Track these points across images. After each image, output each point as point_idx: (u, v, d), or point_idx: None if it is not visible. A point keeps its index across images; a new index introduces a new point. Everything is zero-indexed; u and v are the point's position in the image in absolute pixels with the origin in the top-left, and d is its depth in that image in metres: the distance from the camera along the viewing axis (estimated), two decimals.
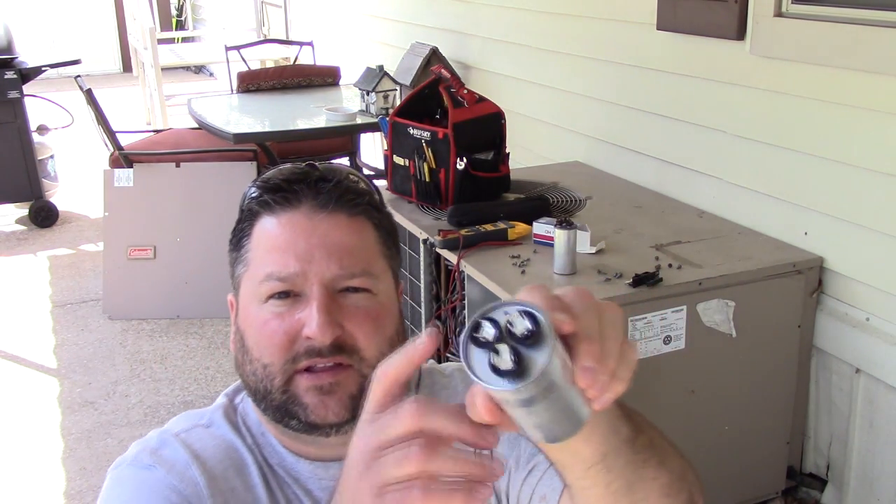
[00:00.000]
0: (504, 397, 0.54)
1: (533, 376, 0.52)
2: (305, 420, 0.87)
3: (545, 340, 0.52)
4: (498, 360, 0.52)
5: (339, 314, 0.86)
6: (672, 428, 2.33)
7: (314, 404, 0.86)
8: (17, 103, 4.79)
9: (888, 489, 2.15)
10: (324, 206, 0.89)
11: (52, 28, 9.36)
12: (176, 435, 0.92)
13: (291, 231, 0.88)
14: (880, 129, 2.00)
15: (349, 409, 0.86)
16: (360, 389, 0.86)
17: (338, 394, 0.86)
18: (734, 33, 2.31)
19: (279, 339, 0.86)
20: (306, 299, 0.86)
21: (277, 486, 0.92)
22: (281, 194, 0.90)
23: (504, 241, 2.29)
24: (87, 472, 2.77)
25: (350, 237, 0.89)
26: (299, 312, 0.86)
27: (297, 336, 0.86)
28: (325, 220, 0.89)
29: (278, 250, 0.88)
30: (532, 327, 0.53)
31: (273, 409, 0.88)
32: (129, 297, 3.84)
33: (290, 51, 5.94)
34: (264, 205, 0.91)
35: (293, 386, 0.87)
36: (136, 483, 0.88)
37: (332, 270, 0.87)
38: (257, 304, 0.89)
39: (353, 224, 0.90)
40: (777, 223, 2.33)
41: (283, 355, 0.86)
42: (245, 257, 0.92)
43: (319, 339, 0.85)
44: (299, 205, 0.89)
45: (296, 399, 0.87)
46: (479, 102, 2.62)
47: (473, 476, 0.55)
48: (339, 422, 0.86)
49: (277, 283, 0.87)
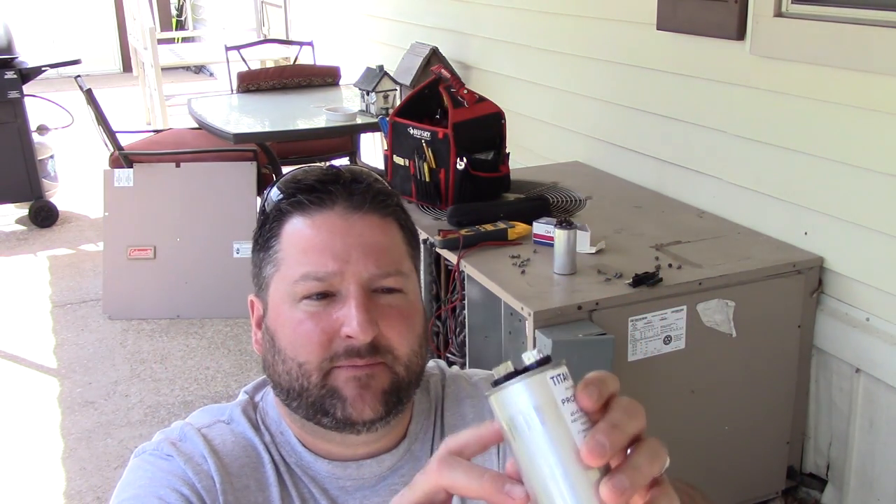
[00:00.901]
0: (494, 406, 0.56)
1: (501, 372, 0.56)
2: (343, 414, 0.87)
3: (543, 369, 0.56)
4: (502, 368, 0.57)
5: (375, 313, 0.87)
6: (672, 428, 2.34)
7: (353, 396, 0.87)
8: (17, 103, 4.79)
9: (888, 489, 2.15)
10: (358, 206, 0.90)
11: (52, 28, 9.36)
12: (198, 429, 0.94)
13: (328, 231, 0.89)
14: (880, 129, 2.00)
15: (383, 405, 0.87)
16: (392, 385, 0.88)
17: (373, 387, 0.87)
18: (734, 33, 2.31)
19: (317, 338, 0.87)
20: (342, 299, 0.87)
21: (293, 484, 0.92)
22: (315, 195, 0.90)
23: (504, 241, 2.29)
24: (87, 472, 2.77)
25: (383, 237, 0.90)
26: (336, 312, 0.87)
27: (335, 335, 0.87)
28: (360, 221, 0.90)
29: (315, 250, 0.88)
30: (539, 358, 0.57)
31: (307, 405, 0.89)
32: (129, 297, 3.84)
33: (290, 51, 5.95)
34: (297, 205, 0.91)
35: (331, 379, 0.87)
36: (153, 470, 0.90)
37: (370, 270, 0.88)
38: (290, 304, 0.89)
39: (384, 225, 0.91)
40: (777, 223, 2.33)
41: (321, 354, 0.87)
42: (275, 258, 0.92)
43: (361, 337, 0.85)
44: (333, 205, 0.90)
45: (335, 392, 0.87)
46: (479, 102, 2.62)
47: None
48: (375, 417, 0.87)
49: (315, 282, 0.87)
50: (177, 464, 0.90)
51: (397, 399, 0.89)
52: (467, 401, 1.02)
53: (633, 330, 2.00)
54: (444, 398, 1.02)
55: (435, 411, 1.01)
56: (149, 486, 0.88)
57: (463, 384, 1.04)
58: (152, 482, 0.88)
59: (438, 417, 1.00)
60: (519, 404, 0.55)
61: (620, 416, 0.56)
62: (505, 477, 0.56)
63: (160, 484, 0.88)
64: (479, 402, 1.01)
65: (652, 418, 0.72)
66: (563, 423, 0.55)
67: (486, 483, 0.56)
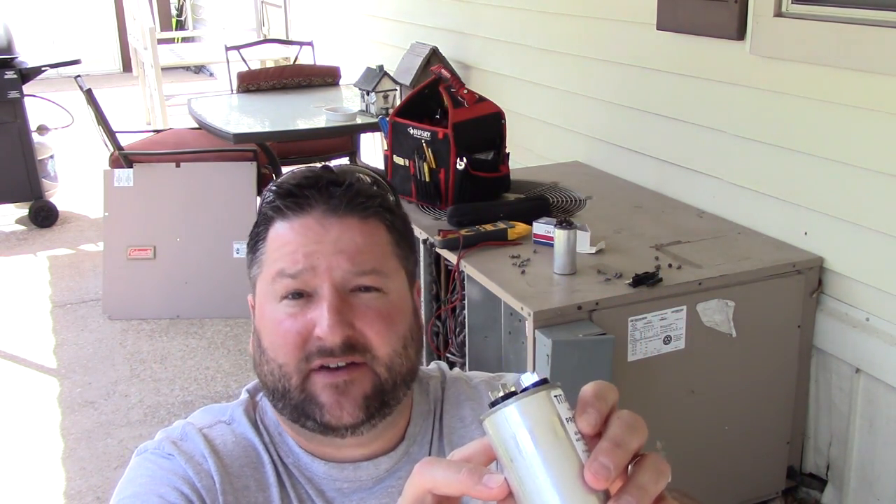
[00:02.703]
0: (488, 427, 0.55)
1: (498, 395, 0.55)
2: (321, 420, 0.88)
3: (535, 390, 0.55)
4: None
5: (350, 314, 0.87)
6: (672, 428, 2.33)
7: (330, 404, 0.87)
8: (17, 103, 4.79)
9: (888, 489, 2.15)
10: (334, 210, 0.90)
11: (52, 28, 9.36)
12: (199, 429, 0.94)
13: (303, 235, 0.90)
14: (880, 129, 2.00)
15: (363, 410, 0.87)
16: (374, 388, 0.88)
17: (352, 393, 0.87)
18: (734, 33, 2.31)
19: (292, 339, 0.88)
20: (319, 299, 0.88)
21: (291, 486, 0.93)
22: (292, 199, 0.91)
23: (504, 241, 2.29)
24: (87, 472, 2.77)
25: (361, 238, 0.90)
26: (311, 312, 0.88)
27: (309, 336, 0.87)
28: (337, 224, 0.90)
29: (288, 249, 0.90)
30: (536, 381, 0.55)
31: (290, 408, 0.89)
32: (129, 297, 3.84)
33: (290, 51, 5.94)
34: (277, 210, 0.92)
35: (310, 384, 0.88)
36: (154, 469, 0.90)
37: (343, 268, 0.88)
38: (272, 305, 0.90)
39: (364, 226, 0.91)
40: (777, 223, 2.33)
41: (296, 355, 0.87)
42: (260, 259, 0.94)
43: (330, 339, 0.86)
44: (311, 210, 0.91)
45: (313, 398, 0.87)
46: (479, 102, 2.62)
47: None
48: (354, 423, 0.87)
49: (288, 279, 0.88)
50: (177, 463, 0.90)
51: (380, 402, 0.88)
52: (467, 403, 1.02)
53: (632, 330, 2.00)
54: (444, 400, 1.02)
55: (434, 413, 1.01)
56: (149, 484, 0.89)
57: (463, 386, 1.04)
58: (153, 480, 0.89)
59: (437, 420, 1.00)
60: (513, 427, 0.54)
61: (622, 433, 0.54)
62: (482, 468, 0.56)
63: (161, 482, 0.88)
64: (479, 405, 1.01)
65: (652, 418, 0.72)
66: (560, 446, 0.53)
67: (463, 476, 0.56)
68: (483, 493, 0.55)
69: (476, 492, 0.56)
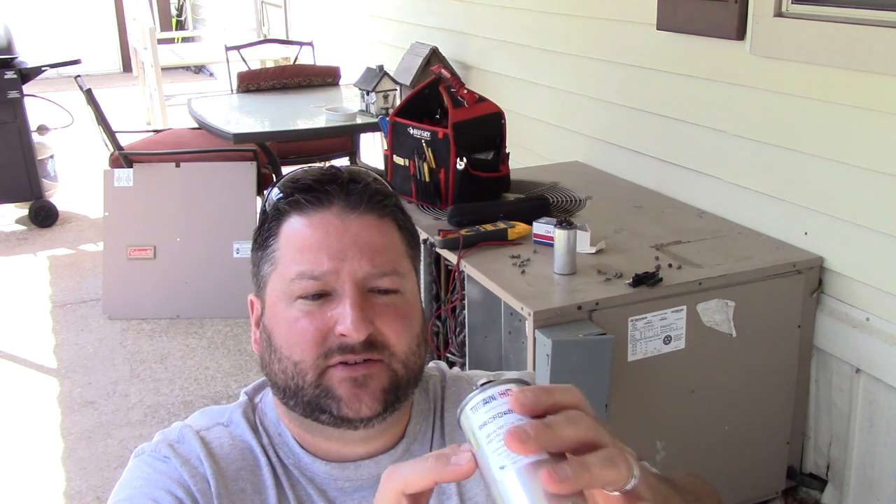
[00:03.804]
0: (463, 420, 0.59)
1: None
2: (338, 413, 0.87)
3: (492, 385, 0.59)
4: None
5: (370, 312, 0.87)
6: (672, 428, 2.33)
7: (348, 396, 0.87)
8: (17, 103, 4.79)
9: (888, 489, 2.15)
10: (354, 206, 0.90)
11: (52, 28, 9.35)
12: (196, 431, 0.94)
13: (323, 231, 0.89)
14: (880, 129, 2.00)
15: (381, 402, 0.87)
16: (391, 382, 0.88)
17: (371, 386, 0.87)
18: (734, 33, 2.31)
19: (311, 336, 0.87)
20: (337, 297, 0.88)
21: (290, 487, 0.93)
22: (313, 194, 0.91)
23: (504, 241, 2.29)
24: (87, 472, 2.77)
25: (380, 238, 0.91)
26: (331, 310, 0.87)
27: (328, 333, 0.87)
28: (356, 221, 0.90)
29: (310, 249, 0.89)
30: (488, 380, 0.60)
31: (303, 404, 0.89)
32: (129, 297, 3.84)
33: (290, 51, 5.94)
34: (294, 204, 0.91)
35: (326, 379, 0.87)
36: (149, 472, 0.90)
37: (365, 269, 0.88)
38: (286, 303, 0.89)
39: (381, 225, 0.92)
40: (777, 223, 2.33)
41: (315, 351, 0.87)
42: (272, 256, 0.92)
43: (354, 336, 0.86)
44: (330, 205, 0.90)
45: (329, 392, 0.87)
46: (479, 102, 2.62)
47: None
48: (372, 414, 0.87)
49: (310, 281, 0.88)
50: (173, 466, 0.90)
51: (395, 397, 0.89)
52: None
53: (632, 330, 2.00)
54: (444, 399, 1.02)
55: (434, 412, 1.01)
56: (144, 487, 0.89)
57: (463, 385, 1.04)
58: (148, 483, 0.89)
59: (438, 418, 1.01)
60: (471, 423, 0.58)
61: (557, 419, 0.56)
62: (448, 453, 0.57)
63: (155, 486, 0.88)
64: None
65: (652, 418, 0.72)
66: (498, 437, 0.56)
67: (431, 464, 0.57)
68: (456, 471, 0.57)
69: (448, 473, 0.57)
